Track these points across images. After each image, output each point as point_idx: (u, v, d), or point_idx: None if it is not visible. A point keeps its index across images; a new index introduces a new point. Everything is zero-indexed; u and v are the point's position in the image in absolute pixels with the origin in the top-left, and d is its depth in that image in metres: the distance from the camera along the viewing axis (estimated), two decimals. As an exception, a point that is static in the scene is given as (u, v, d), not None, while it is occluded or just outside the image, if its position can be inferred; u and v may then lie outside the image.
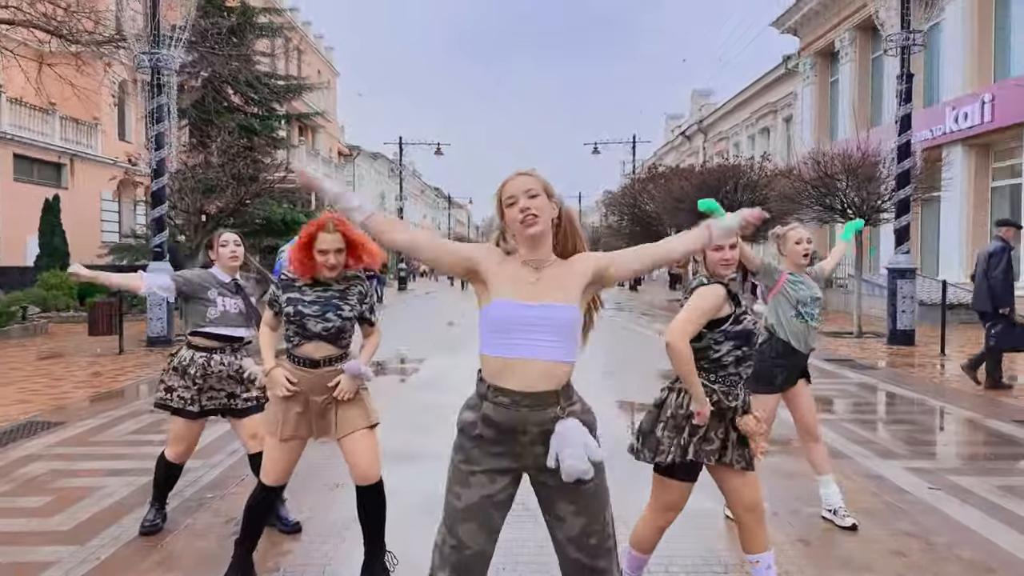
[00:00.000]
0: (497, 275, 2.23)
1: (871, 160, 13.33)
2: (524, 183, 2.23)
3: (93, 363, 10.55)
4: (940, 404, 7.65)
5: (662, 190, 25.44)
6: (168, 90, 12.30)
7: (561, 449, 2.11)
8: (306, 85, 25.26)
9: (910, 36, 12.18)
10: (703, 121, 41.94)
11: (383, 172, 56.24)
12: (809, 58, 28.17)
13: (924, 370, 9.94)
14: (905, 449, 5.81)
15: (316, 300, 3.26)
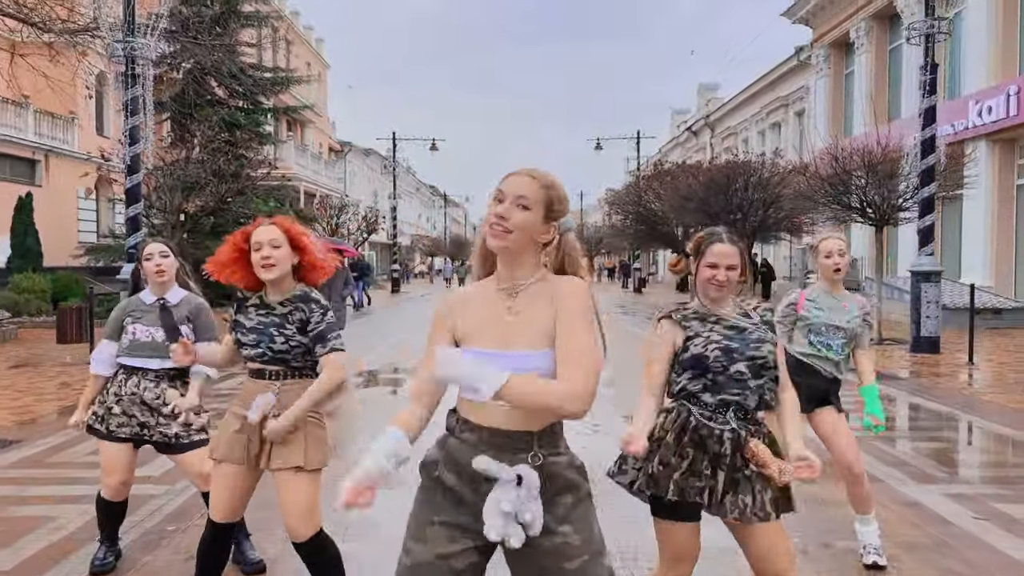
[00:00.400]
0: (464, 314, 1.92)
1: (892, 155, 13.04)
2: (518, 186, 1.88)
3: (61, 373, 10.23)
4: (970, 418, 7.35)
5: (668, 188, 25.18)
6: (144, 81, 11.99)
7: (498, 503, 1.78)
8: (294, 78, 25.00)
9: (934, 24, 11.88)
10: (710, 116, 41.70)
11: (376, 169, 55.97)
12: (822, 49, 27.91)
13: (951, 380, 9.64)
14: (941, 471, 5.50)
15: (254, 328, 2.91)
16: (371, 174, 55.75)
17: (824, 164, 13.94)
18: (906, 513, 4.55)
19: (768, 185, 18.74)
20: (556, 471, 1.85)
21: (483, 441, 1.85)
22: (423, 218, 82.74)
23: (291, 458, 2.85)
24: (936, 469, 5.55)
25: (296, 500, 2.87)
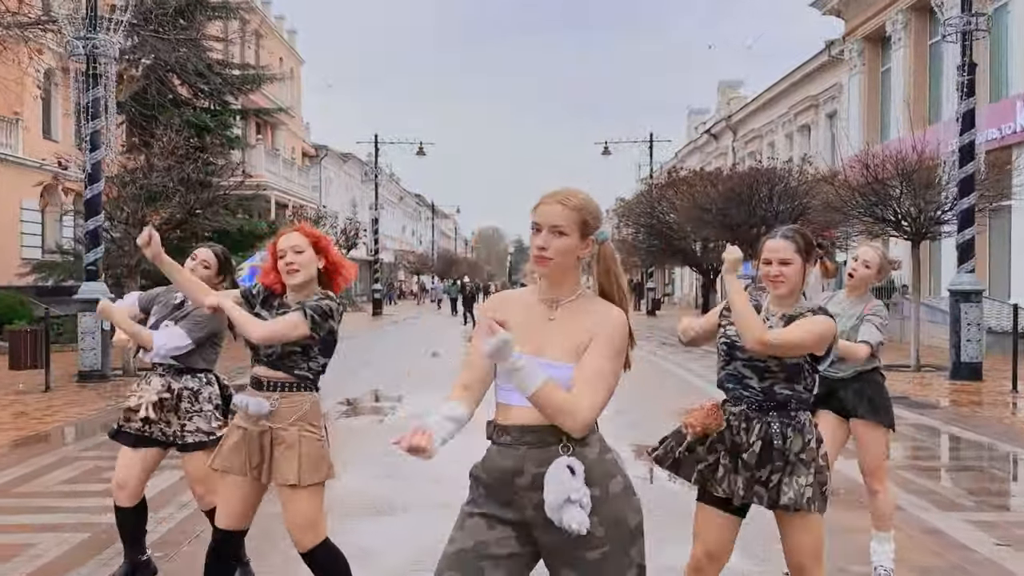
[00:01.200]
0: (507, 314, 2.33)
1: (929, 163, 13.58)
2: (551, 216, 2.29)
3: (15, 401, 10.64)
4: (1011, 449, 7.78)
5: (685, 197, 25.73)
6: (106, 81, 12.51)
7: (556, 493, 2.17)
8: (266, 75, 25.59)
9: (972, 20, 12.47)
10: (732, 117, 42.43)
11: (355, 176, 56.58)
12: (856, 44, 28.61)
13: (993, 409, 10.08)
14: (970, 500, 5.94)
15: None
16: (349, 181, 56.41)
17: (855, 172, 14.47)
18: (925, 540, 5.00)
19: (795, 195, 19.30)
20: (585, 463, 2.26)
21: (517, 440, 2.27)
22: (408, 231, 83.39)
23: (287, 475, 3.28)
24: (965, 498, 5.99)
25: (295, 512, 3.32)
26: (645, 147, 42.39)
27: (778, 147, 35.84)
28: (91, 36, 12.47)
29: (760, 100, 38.48)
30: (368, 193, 54.07)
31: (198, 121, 22.38)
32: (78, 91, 12.66)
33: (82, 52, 12.49)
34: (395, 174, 68.52)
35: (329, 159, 50.41)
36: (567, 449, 2.25)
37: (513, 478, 2.28)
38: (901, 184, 13.48)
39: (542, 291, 2.38)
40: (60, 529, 5.26)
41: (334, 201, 49.19)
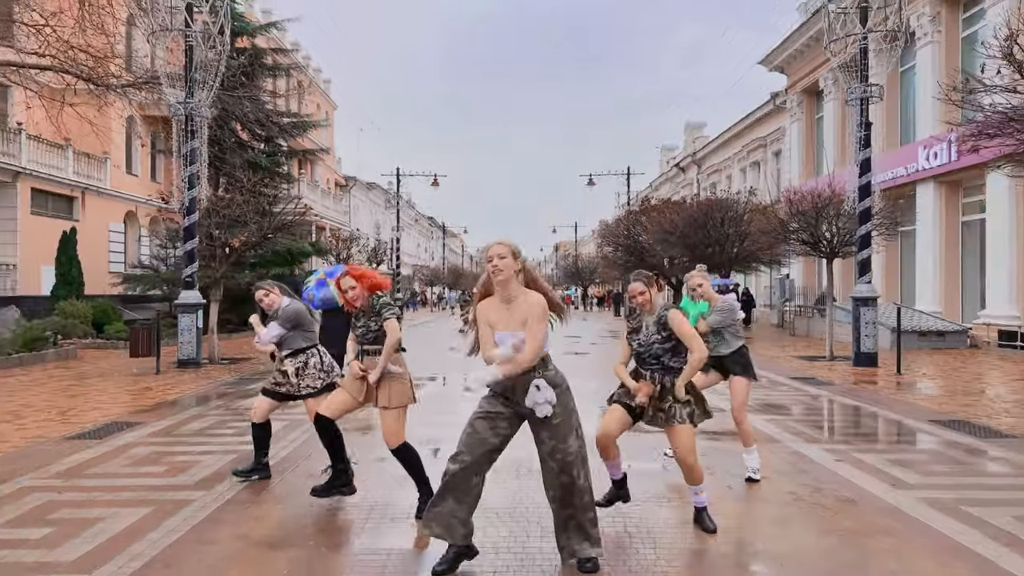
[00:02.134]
0: (489, 313, 4.04)
1: (839, 198, 15.25)
2: (498, 250, 3.96)
3: (137, 381, 12.26)
4: (874, 409, 9.41)
5: (654, 222, 27.36)
6: (201, 135, 14.18)
7: (531, 396, 3.89)
8: (310, 123, 27.30)
9: (868, 89, 14.17)
10: (696, 153, 44.11)
11: (378, 202, 58.24)
12: (795, 95, 30.38)
13: (875, 386, 11.70)
14: (828, 437, 7.58)
15: (360, 325, 5.11)
16: (373, 207, 58.04)
17: (782, 205, 16.14)
18: (791, 458, 6.65)
19: (741, 221, 20.93)
20: (548, 378, 3.98)
21: (515, 375, 3.96)
22: (422, 248, 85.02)
23: (380, 401, 4.97)
24: (825, 436, 7.64)
25: (386, 426, 4.97)
26: (623, 178, 44.01)
27: (734, 179, 37.50)
28: (189, 101, 14.15)
29: (719, 140, 40.16)
30: (388, 216, 55.78)
31: (256, 161, 24.11)
32: (178, 142, 14.28)
33: (182, 113, 14.15)
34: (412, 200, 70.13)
35: (357, 188, 52.06)
36: (536, 373, 3.96)
37: (514, 388, 3.97)
38: (816, 215, 15.14)
39: (500, 296, 4.07)
40: (212, 454, 6.90)
41: (361, 223, 50.82)
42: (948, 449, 7.08)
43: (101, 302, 22.16)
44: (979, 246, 19.71)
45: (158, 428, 8.17)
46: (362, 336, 5.04)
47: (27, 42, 17.36)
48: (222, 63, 14.40)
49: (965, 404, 9.70)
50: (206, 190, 14.38)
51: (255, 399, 6.04)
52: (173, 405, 9.81)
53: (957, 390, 11.05)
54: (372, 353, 5.02)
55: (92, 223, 26.12)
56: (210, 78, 14.57)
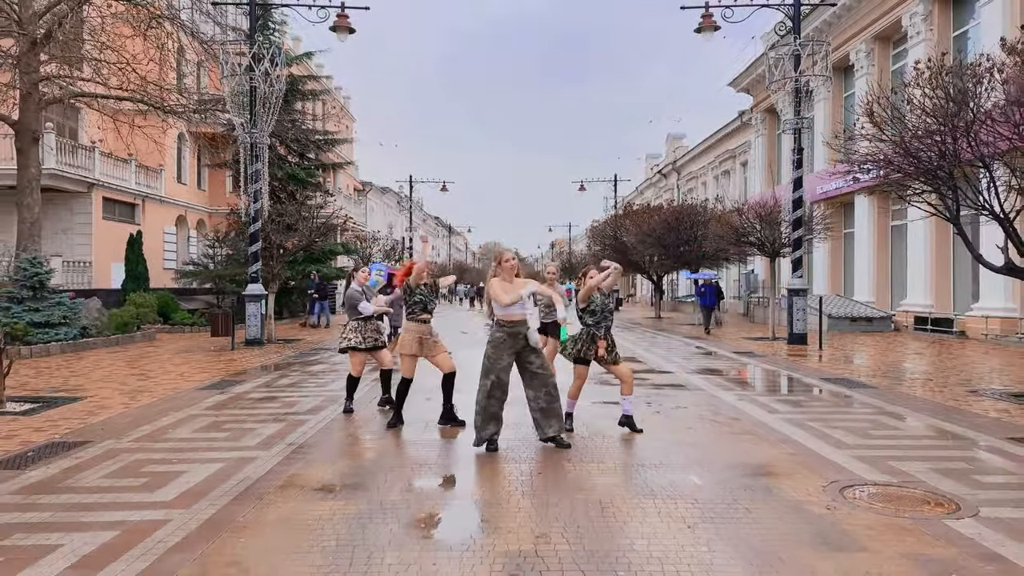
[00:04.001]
0: (507, 287, 6.47)
1: (778, 208, 17.59)
2: (508, 253, 6.66)
3: (219, 356, 14.61)
4: (788, 372, 11.77)
5: (635, 224, 29.74)
6: (263, 157, 16.49)
7: (531, 336, 6.30)
8: (339, 139, 29.60)
9: (800, 121, 16.49)
10: (676, 162, 46.39)
11: (391, 205, 60.48)
12: (759, 114, 32.67)
13: (799, 358, 14.06)
14: (747, 389, 9.95)
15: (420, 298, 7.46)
16: (387, 209, 60.32)
17: (734, 215, 18.51)
18: (730, 412, 9.02)
19: (705, 226, 23.30)
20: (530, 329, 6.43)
21: (517, 324, 6.37)
22: (429, 246, 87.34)
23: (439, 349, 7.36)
24: (746, 389, 10.00)
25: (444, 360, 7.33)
26: (611, 185, 46.28)
27: (708, 186, 39.80)
28: (254, 132, 16.47)
29: (696, 150, 42.45)
30: (401, 218, 58.03)
31: (294, 174, 26.42)
32: (244, 165, 16.59)
33: (248, 141, 16.47)
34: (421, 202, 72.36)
35: (373, 193, 54.31)
36: (527, 326, 6.38)
37: (517, 337, 6.38)
38: (760, 222, 17.49)
39: (506, 279, 6.56)
40: (307, 397, 9.25)
41: (376, 224, 53.10)
42: (820, 393, 9.44)
43: (162, 294, 24.48)
44: (904, 246, 22.06)
45: (257, 384, 10.52)
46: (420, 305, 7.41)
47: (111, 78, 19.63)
48: (279, 98, 16.67)
49: (854, 368, 12.06)
50: (267, 204, 16.68)
51: (348, 357, 8.33)
52: (245, 373, 12.16)
53: (860, 361, 13.41)
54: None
55: (151, 226, 28.43)
56: (266, 111, 16.87)
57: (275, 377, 11.26)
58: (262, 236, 17.29)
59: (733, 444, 6.59)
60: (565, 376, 7.73)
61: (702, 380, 10.70)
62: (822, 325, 15.61)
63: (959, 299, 19.66)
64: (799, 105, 16.57)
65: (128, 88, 19.08)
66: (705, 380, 10.71)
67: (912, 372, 11.60)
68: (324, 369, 12.20)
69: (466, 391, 7.77)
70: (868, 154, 10.30)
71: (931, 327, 19.16)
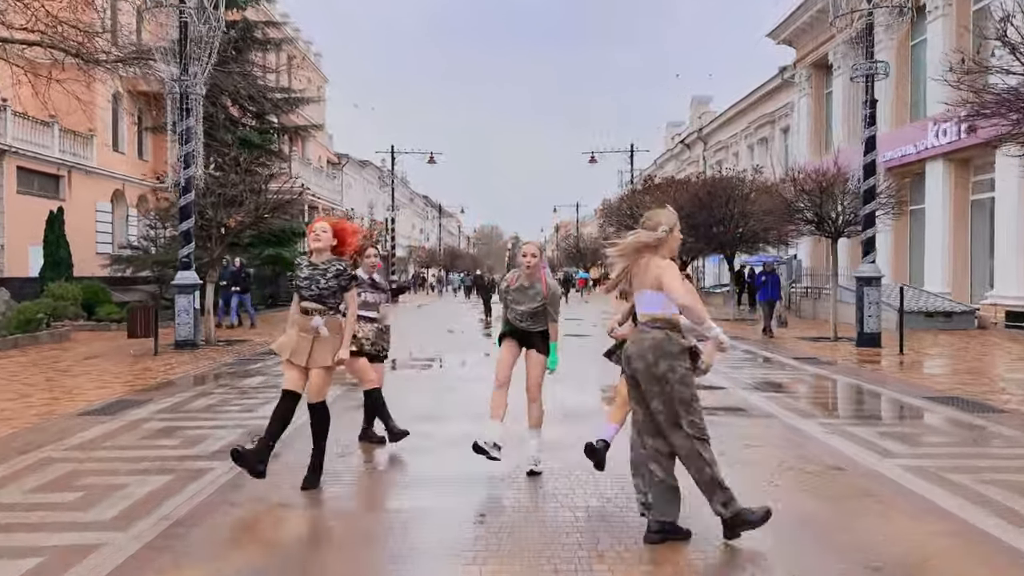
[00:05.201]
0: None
1: (843, 177, 15.71)
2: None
3: (136, 362, 12.76)
4: (874, 387, 9.94)
5: (658, 201, 27.83)
6: (196, 113, 14.59)
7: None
8: (303, 98, 27.65)
9: (874, 65, 14.58)
10: (703, 129, 44.49)
11: (372, 181, 58.59)
12: (804, 70, 30.74)
13: (877, 366, 12.23)
14: (832, 415, 8.10)
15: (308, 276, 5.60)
16: (367, 185, 58.40)
17: (787, 185, 16.61)
18: (787, 432, 7.18)
19: (746, 200, 21.40)
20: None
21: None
22: (416, 229, 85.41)
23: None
24: (817, 410, 8.16)
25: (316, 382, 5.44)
26: (626, 156, 44.43)
27: (741, 157, 37.92)
28: (184, 78, 14.55)
29: (726, 115, 40.55)
30: (383, 195, 56.17)
31: (248, 138, 24.49)
32: (173, 120, 14.70)
33: (177, 91, 14.56)
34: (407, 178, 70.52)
35: (350, 166, 52.40)
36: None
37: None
38: (820, 195, 15.60)
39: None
40: (224, 428, 7.41)
41: (354, 203, 51.20)
42: (935, 421, 7.60)
43: (90, 284, 22.60)
44: (988, 226, 20.20)
45: (164, 406, 8.67)
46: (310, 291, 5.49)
47: (14, 17, 17.66)
48: (216, 38, 14.77)
49: (964, 382, 10.22)
50: (202, 169, 14.80)
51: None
52: (172, 384, 10.31)
53: (959, 369, 11.58)
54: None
55: (79, 202, 26.51)
56: (204, 54, 14.95)
57: (192, 396, 9.41)
58: (198, 211, 15.41)
59: (853, 516, 4.74)
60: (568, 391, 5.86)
61: (767, 401, 8.85)
62: (903, 323, 13.76)
63: (1062, 291, 17.82)
64: (871, 47, 14.64)
65: (35, 29, 17.16)
66: (770, 401, 8.86)
67: (1040, 387, 9.77)
68: (260, 384, 10.34)
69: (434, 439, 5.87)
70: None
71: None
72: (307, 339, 5.35)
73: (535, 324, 5.71)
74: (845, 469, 5.85)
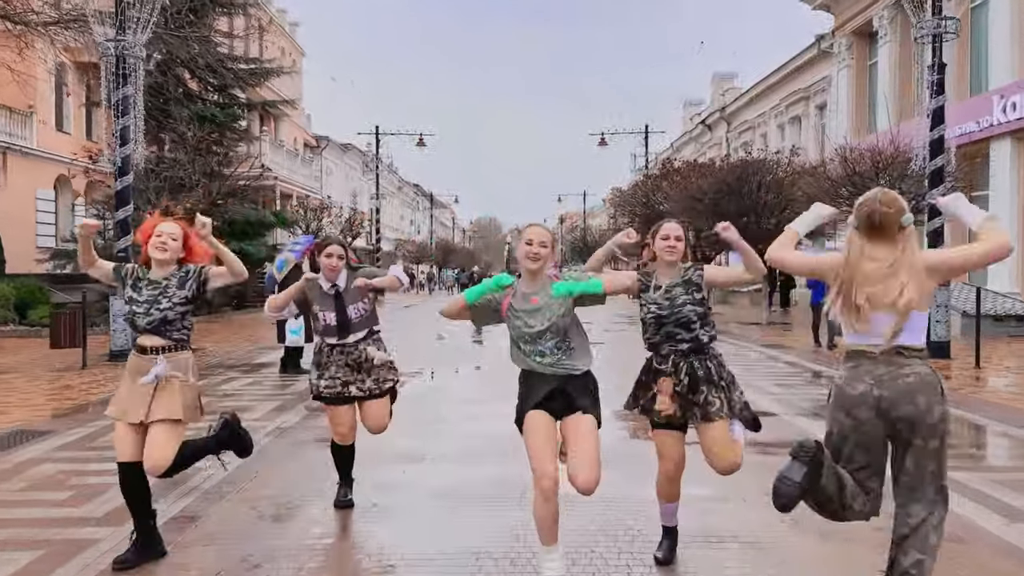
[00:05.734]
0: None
1: (904, 156, 14.52)
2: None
3: (58, 377, 11.58)
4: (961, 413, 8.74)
5: (678, 188, 26.67)
6: (134, 80, 13.40)
7: None
8: (272, 69, 26.46)
9: (942, 23, 13.39)
10: (726, 108, 43.34)
11: (355, 167, 57.41)
12: (845, 38, 29.52)
13: (950, 382, 11.03)
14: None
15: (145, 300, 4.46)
16: (350, 172, 57.22)
17: (835, 165, 15.43)
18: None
19: (781, 186, 20.23)
20: None
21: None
22: (406, 220, 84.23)
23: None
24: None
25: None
26: (640, 138, 43.27)
27: (770, 138, 36.75)
28: (120, 38, 13.36)
29: (753, 92, 39.38)
30: (368, 183, 55.00)
31: (208, 114, 23.28)
32: (108, 89, 13.51)
33: (112, 53, 13.37)
34: (394, 164, 69.35)
35: (330, 150, 51.21)
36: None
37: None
38: (876, 176, 14.43)
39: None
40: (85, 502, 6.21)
41: (334, 191, 50.03)
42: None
43: (26, 282, 21.47)
44: (1065, 214, 19.03)
45: (70, 440, 7.49)
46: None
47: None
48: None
49: (1069, 406, 9.06)
50: (142, 147, 13.60)
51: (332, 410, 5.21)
52: (96, 408, 9.13)
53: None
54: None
55: (16, 189, 25.32)
56: (146, 13, 13.76)
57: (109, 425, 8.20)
58: (141, 199, 14.25)
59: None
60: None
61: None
62: (979, 330, 12.58)
63: None
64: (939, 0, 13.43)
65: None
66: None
67: None
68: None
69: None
70: None
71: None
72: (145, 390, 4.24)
73: (570, 357, 3.94)
74: (966, 542, 4.67)
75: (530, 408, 3.91)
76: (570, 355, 3.91)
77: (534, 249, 3.87)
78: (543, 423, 3.88)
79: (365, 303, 5.05)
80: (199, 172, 14.21)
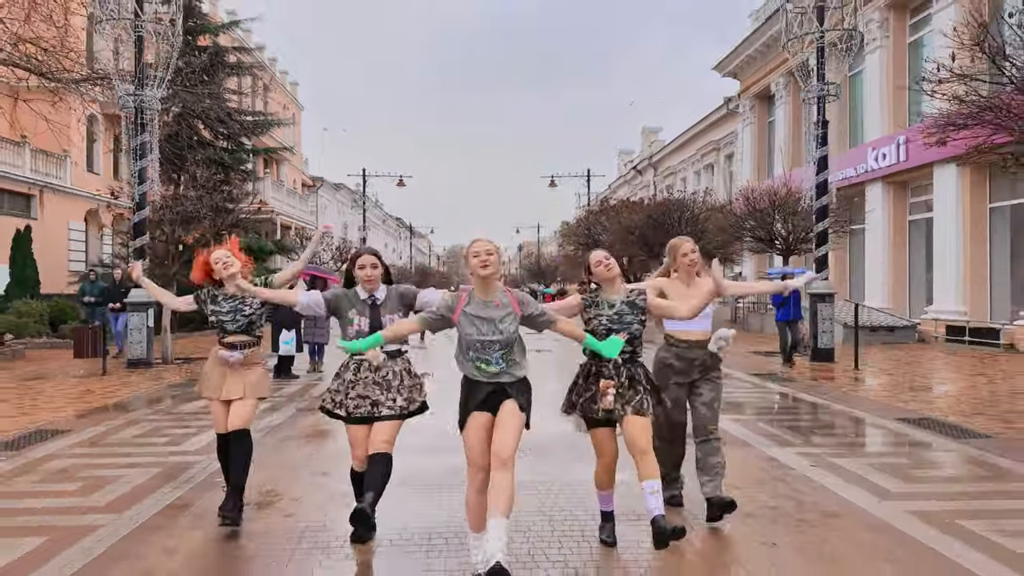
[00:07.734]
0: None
1: (795, 196, 14.70)
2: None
3: (80, 383, 11.17)
4: (841, 407, 8.79)
5: (614, 222, 26.75)
6: (151, 128, 13.09)
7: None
8: (273, 121, 26.10)
9: (826, 87, 13.63)
10: (653, 157, 43.75)
11: (345, 203, 56.91)
12: (748, 100, 30.01)
13: (834, 382, 11.13)
14: (809, 441, 6.89)
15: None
16: (341, 207, 56.69)
17: (739, 204, 15.57)
18: (764, 464, 5.94)
19: (697, 220, 20.37)
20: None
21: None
22: (389, 248, 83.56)
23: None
24: (793, 437, 6.96)
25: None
26: (584, 180, 43.48)
27: (689, 182, 37.14)
28: (139, 93, 13.06)
29: (674, 144, 39.82)
30: (356, 216, 54.52)
31: (218, 158, 22.88)
32: (128, 135, 13.18)
33: (132, 106, 13.05)
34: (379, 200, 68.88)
35: (324, 188, 50.71)
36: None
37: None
38: (773, 212, 14.58)
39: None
40: (138, 467, 5.97)
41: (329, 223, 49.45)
42: (917, 448, 6.45)
43: (60, 301, 20.82)
44: (926, 243, 19.42)
45: (84, 438, 7.18)
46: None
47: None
48: (174, 55, 13.31)
49: (924, 399, 9.15)
50: (159, 185, 13.27)
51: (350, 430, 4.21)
52: (111, 410, 8.80)
53: (917, 386, 10.51)
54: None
55: (51, 221, 24.64)
56: (161, 69, 13.48)
57: (121, 424, 7.90)
58: (155, 229, 13.89)
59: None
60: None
61: (735, 424, 7.63)
62: (858, 339, 12.71)
63: (997, 306, 17.01)
64: (823, 68, 13.68)
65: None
66: (739, 424, 7.64)
67: (1010, 405, 8.70)
68: (199, 409, 8.81)
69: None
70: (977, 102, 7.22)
71: (969, 339, 16.44)
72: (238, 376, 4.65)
73: (512, 367, 3.69)
74: (840, 515, 4.63)
75: (472, 410, 3.73)
76: (511, 365, 3.70)
77: (482, 258, 3.59)
78: (481, 422, 3.69)
79: (399, 317, 4.16)
80: (207, 207, 13.83)
